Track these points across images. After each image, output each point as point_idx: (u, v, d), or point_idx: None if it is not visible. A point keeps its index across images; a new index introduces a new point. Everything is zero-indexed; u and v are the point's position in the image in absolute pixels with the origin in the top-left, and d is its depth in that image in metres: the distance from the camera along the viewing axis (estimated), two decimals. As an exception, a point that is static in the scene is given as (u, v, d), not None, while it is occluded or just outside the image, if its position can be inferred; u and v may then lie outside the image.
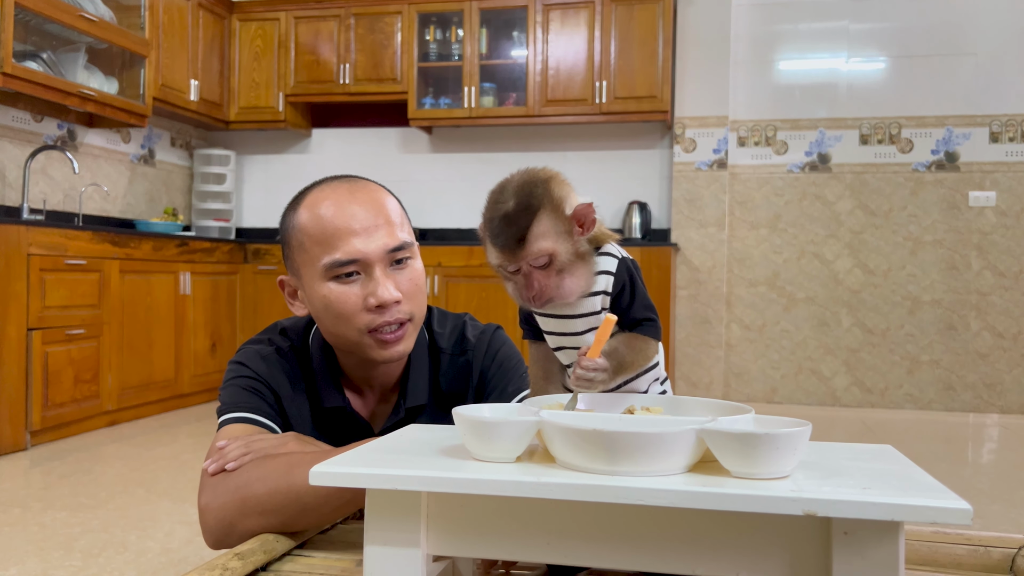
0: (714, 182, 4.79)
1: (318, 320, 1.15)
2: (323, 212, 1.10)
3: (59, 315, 3.46)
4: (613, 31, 4.66)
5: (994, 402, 4.57)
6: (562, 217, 0.91)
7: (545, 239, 0.90)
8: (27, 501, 2.58)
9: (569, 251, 0.91)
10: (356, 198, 1.12)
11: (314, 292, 1.12)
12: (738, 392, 4.84)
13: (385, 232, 1.11)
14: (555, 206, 0.91)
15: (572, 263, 0.92)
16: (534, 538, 0.67)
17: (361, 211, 1.11)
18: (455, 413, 0.71)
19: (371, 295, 1.10)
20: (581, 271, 0.92)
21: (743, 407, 0.74)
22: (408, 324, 1.14)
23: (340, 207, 1.10)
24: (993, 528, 2.37)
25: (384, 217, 1.12)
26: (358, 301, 1.10)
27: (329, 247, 1.09)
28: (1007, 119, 4.54)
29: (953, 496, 0.59)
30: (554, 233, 0.90)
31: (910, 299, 4.67)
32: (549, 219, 0.91)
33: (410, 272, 1.15)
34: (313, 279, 1.11)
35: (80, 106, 3.94)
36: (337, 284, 1.10)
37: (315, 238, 1.10)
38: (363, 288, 1.10)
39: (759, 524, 0.63)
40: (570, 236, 0.91)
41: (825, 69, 4.75)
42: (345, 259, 1.09)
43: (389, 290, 1.10)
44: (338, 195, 1.12)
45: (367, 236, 1.10)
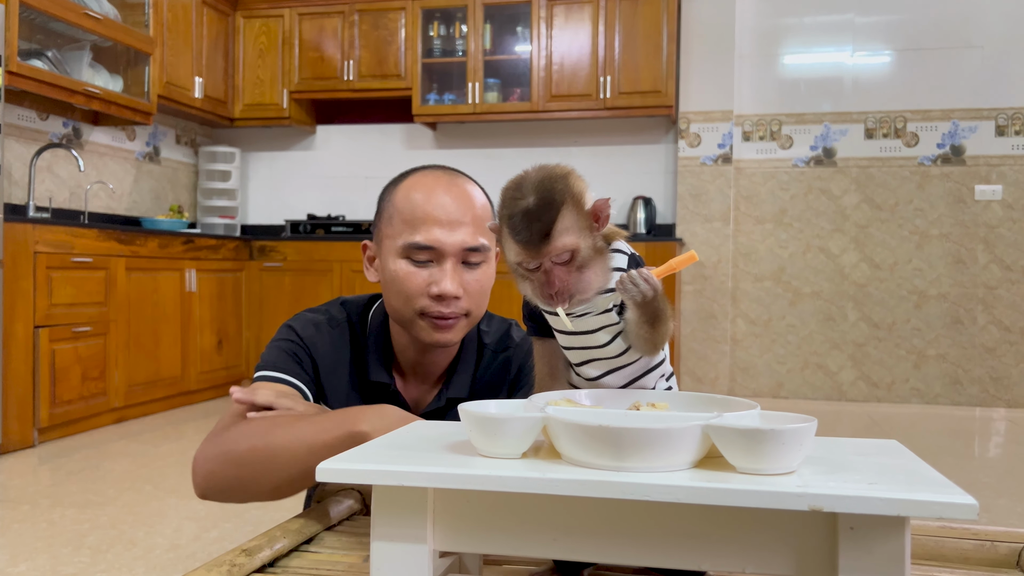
0: (719, 177, 4.78)
1: (384, 289, 1.21)
2: (418, 196, 1.15)
3: (66, 313, 3.47)
4: (617, 26, 4.65)
5: (1001, 396, 4.56)
6: (583, 212, 0.92)
7: (569, 234, 0.90)
8: (36, 498, 2.59)
9: (589, 246, 0.91)
10: (451, 191, 1.16)
11: (388, 264, 1.18)
12: (744, 387, 4.84)
13: (467, 231, 1.15)
14: (576, 201, 0.92)
15: (591, 258, 0.92)
16: (540, 534, 0.67)
17: (451, 204, 1.15)
18: (460, 409, 0.72)
19: (435, 283, 1.14)
20: (599, 267, 0.93)
21: (749, 403, 0.74)
22: (462, 318, 1.18)
23: (434, 195, 1.15)
24: (999, 522, 2.36)
25: (471, 216, 1.16)
26: (422, 284, 1.15)
27: (413, 229, 1.14)
28: (1013, 112, 4.52)
29: (959, 491, 0.59)
30: (577, 228, 0.90)
31: (916, 293, 4.65)
32: (572, 214, 0.90)
33: (479, 274, 1.17)
34: (391, 252, 1.17)
35: (85, 104, 3.95)
36: (409, 264, 1.15)
37: (404, 216, 1.15)
38: (431, 275, 1.15)
39: (765, 519, 0.63)
40: (590, 231, 0.92)
41: (830, 63, 4.74)
42: (423, 244, 1.13)
43: (452, 284, 1.14)
44: (437, 183, 1.16)
45: (449, 229, 1.14)
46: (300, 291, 4.70)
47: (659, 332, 0.91)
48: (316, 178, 5.41)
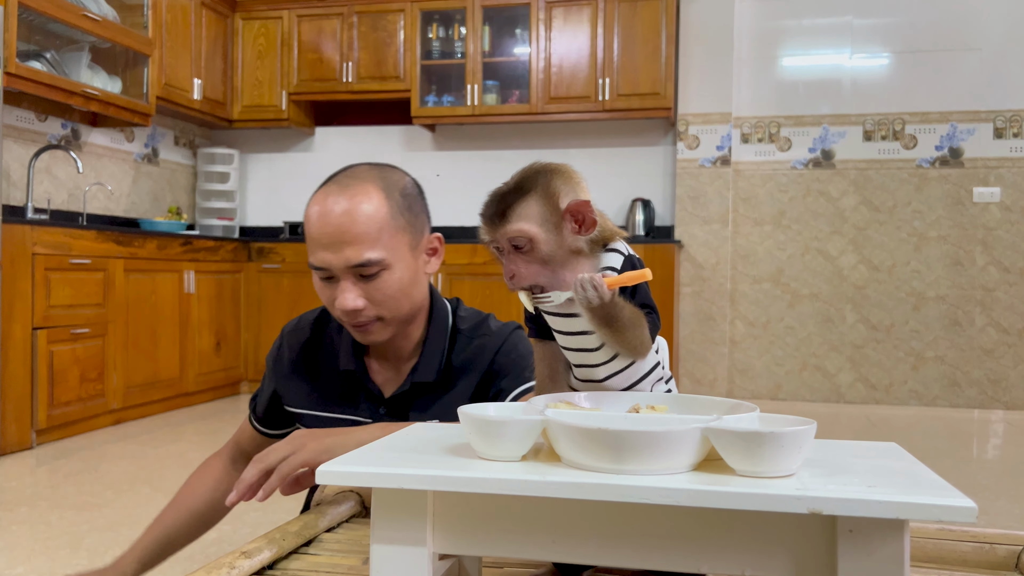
0: (718, 179, 4.79)
1: None
2: (311, 215, 1.18)
3: (64, 314, 3.47)
4: (616, 28, 4.66)
5: (999, 398, 4.56)
6: (553, 207, 0.92)
7: (526, 221, 0.91)
8: (33, 500, 2.59)
9: (554, 243, 0.92)
10: (335, 210, 1.16)
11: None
12: (742, 389, 4.84)
13: (351, 250, 1.16)
14: (548, 194, 0.93)
15: (564, 257, 0.92)
16: (540, 536, 0.67)
17: (334, 225, 1.16)
18: (460, 412, 0.72)
19: (335, 298, 1.19)
20: (580, 267, 0.93)
21: (748, 405, 0.74)
22: (376, 322, 1.21)
23: (321, 217, 1.17)
24: (998, 524, 2.37)
25: (354, 234, 1.16)
26: (330, 299, 1.21)
27: (310, 249, 1.19)
28: (1012, 115, 4.53)
29: (958, 494, 0.59)
30: (539, 219, 0.91)
31: (915, 295, 4.66)
32: (538, 204, 0.92)
33: (380, 283, 1.19)
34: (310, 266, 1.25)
35: (84, 105, 3.95)
36: (318, 279, 1.21)
37: (307, 236, 1.21)
38: (332, 290, 1.20)
39: (764, 522, 0.63)
40: (558, 229, 0.92)
41: (829, 65, 4.74)
42: (316, 265, 1.19)
43: (349, 300, 1.17)
44: (325, 203, 1.17)
45: (333, 251, 1.16)
46: (298, 293, 4.70)
47: (622, 337, 0.91)
48: (315, 180, 5.39)
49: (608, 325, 0.90)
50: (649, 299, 0.95)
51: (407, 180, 1.23)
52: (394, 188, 1.20)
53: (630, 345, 0.93)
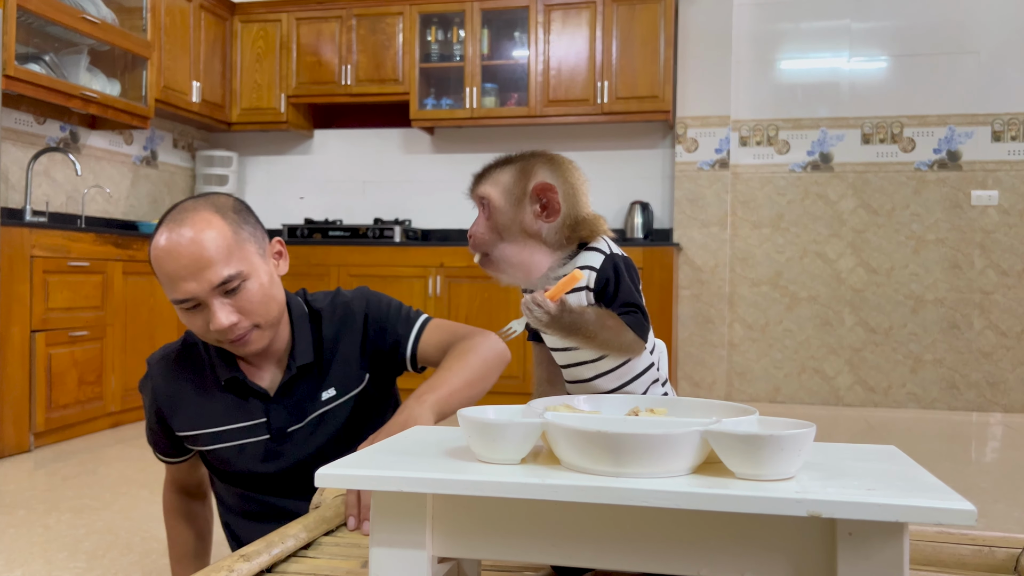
0: (716, 182, 4.79)
1: None
2: (159, 256, 1.25)
3: (62, 317, 3.47)
4: (615, 31, 4.66)
5: (997, 401, 4.57)
6: (523, 183, 0.95)
7: (492, 186, 0.96)
8: (31, 503, 2.59)
9: (510, 215, 0.94)
10: (180, 243, 1.23)
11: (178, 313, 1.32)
12: (741, 392, 4.84)
13: (210, 271, 1.23)
14: (524, 171, 0.96)
15: (516, 233, 0.94)
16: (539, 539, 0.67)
17: (186, 259, 1.23)
18: (459, 415, 0.72)
19: (210, 323, 1.25)
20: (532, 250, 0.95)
21: (747, 408, 0.74)
22: (254, 330, 1.29)
23: (170, 257, 1.24)
24: (997, 527, 2.37)
25: (206, 259, 1.23)
26: (202, 326, 1.27)
27: (169, 288, 1.25)
28: (1009, 118, 4.54)
29: (957, 497, 0.59)
30: (504, 188, 0.95)
31: (913, 298, 4.66)
32: (510, 176, 0.96)
33: (246, 294, 1.26)
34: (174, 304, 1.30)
35: (82, 108, 3.95)
36: (185, 312, 1.27)
37: (160, 278, 1.27)
38: (203, 317, 1.26)
39: (764, 525, 0.63)
40: (519, 204, 0.94)
41: (827, 68, 4.75)
42: (182, 298, 1.24)
43: (223, 317, 1.24)
44: (169, 241, 1.24)
45: (193, 278, 1.23)
46: (297, 295, 4.71)
47: (597, 341, 0.92)
48: (313, 183, 5.41)
49: (573, 334, 0.90)
50: (632, 297, 0.95)
51: (232, 200, 1.32)
52: (225, 208, 1.28)
53: (613, 347, 0.93)
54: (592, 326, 0.91)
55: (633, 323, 0.94)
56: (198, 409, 1.37)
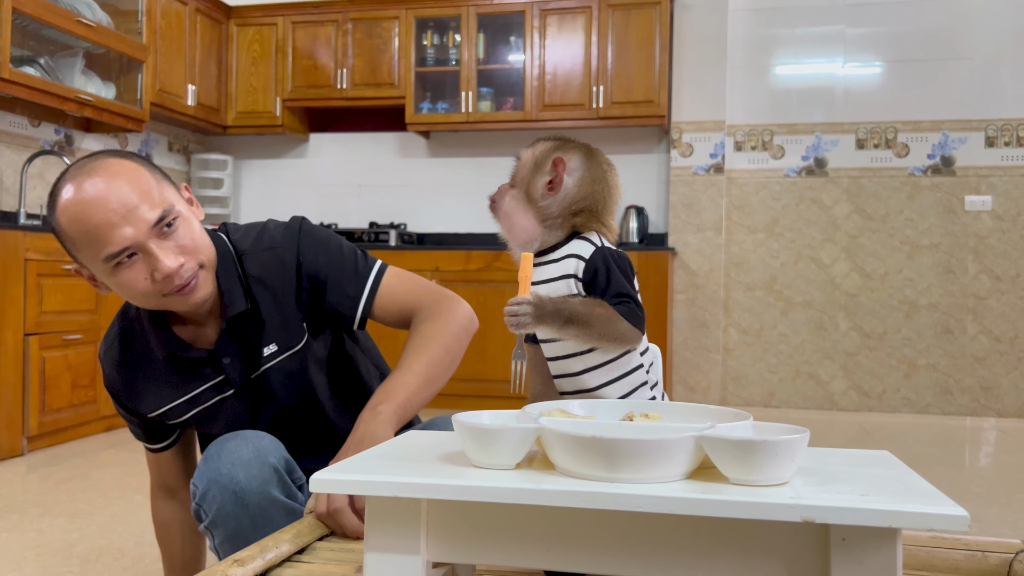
0: (711, 186, 4.80)
1: (122, 296, 1.22)
2: (78, 212, 1.12)
3: (56, 320, 3.46)
4: (610, 36, 4.67)
5: (991, 406, 4.58)
6: (549, 155, 1.02)
7: (530, 149, 1.04)
8: (24, 507, 2.58)
9: (526, 177, 1.02)
10: (102, 189, 1.12)
11: (106, 280, 1.18)
12: (736, 396, 4.84)
13: (143, 210, 1.12)
14: (557, 147, 1.03)
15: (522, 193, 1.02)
16: (534, 544, 0.67)
17: (112, 200, 1.11)
18: (454, 420, 0.72)
19: (155, 271, 1.14)
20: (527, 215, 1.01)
21: (742, 413, 0.74)
22: (200, 272, 1.19)
23: (91, 203, 1.11)
24: (990, 532, 2.37)
25: (136, 194, 1.13)
26: (146, 279, 1.15)
27: (98, 242, 1.12)
28: (1003, 123, 4.56)
29: (950, 503, 0.59)
30: (534, 154, 1.03)
31: (907, 303, 4.68)
32: (545, 147, 1.03)
33: (182, 230, 1.17)
34: (100, 271, 1.16)
35: (77, 111, 3.94)
36: (121, 270, 1.14)
37: (83, 237, 1.13)
38: (146, 265, 1.14)
39: (758, 530, 0.63)
40: (538, 171, 1.01)
41: (821, 74, 4.77)
42: (118, 250, 1.12)
43: (170, 259, 1.14)
44: (84, 190, 1.12)
45: (127, 221, 1.12)
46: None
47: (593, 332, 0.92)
48: (309, 186, 5.40)
49: (568, 323, 0.90)
50: (625, 288, 0.95)
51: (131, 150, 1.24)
52: (128, 154, 1.19)
53: (608, 336, 0.93)
54: (583, 314, 0.91)
55: (626, 313, 0.94)
56: (157, 388, 1.29)
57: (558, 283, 0.96)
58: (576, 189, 0.99)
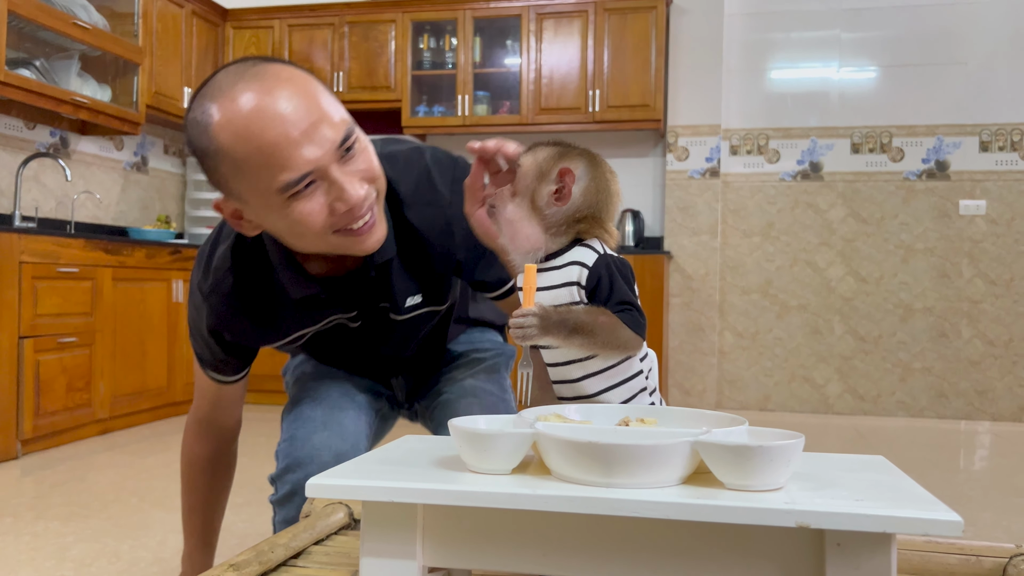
0: (707, 190, 4.81)
1: (278, 236, 1.05)
2: (247, 127, 0.92)
3: (51, 323, 3.45)
4: (606, 40, 4.68)
5: (986, 409, 4.59)
6: (553, 162, 0.99)
7: (531, 156, 1.00)
8: (19, 510, 2.57)
9: (530, 185, 0.98)
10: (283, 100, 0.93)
11: (270, 216, 1.00)
12: (731, 400, 4.85)
13: (327, 127, 0.96)
14: (561, 154, 1.00)
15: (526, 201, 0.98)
16: (529, 549, 0.68)
17: (291, 111, 0.93)
18: (450, 425, 0.72)
19: (337, 200, 0.98)
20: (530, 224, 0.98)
21: (737, 418, 0.74)
22: (374, 206, 1.05)
23: (265, 116, 0.92)
24: (985, 536, 2.38)
25: (317, 108, 0.96)
26: (323, 213, 0.99)
27: (274, 167, 0.94)
28: (997, 128, 4.57)
29: (944, 508, 0.60)
30: (537, 161, 0.99)
31: (902, 307, 4.69)
32: (547, 154, 1.00)
33: (362, 154, 1.01)
34: (265, 204, 0.98)
35: (73, 113, 3.94)
36: (296, 202, 0.97)
37: (252, 159, 0.93)
38: (326, 195, 0.98)
39: (753, 535, 0.63)
40: (543, 179, 0.98)
41: (817, 78, 4.78)
42: (299, 176, 0.95)
43: (356, 188, 0.98)
44: (254, 100, 0.93)
45: (309, 139, 0.94)
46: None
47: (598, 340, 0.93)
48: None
49: (573, 333, 0.91)
50: (628, 296, 0.96)
51: None
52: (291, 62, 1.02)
53: (611, 344, 0.93)
54: (587, 323, 0.92)
55: (629, 321, 0.95)
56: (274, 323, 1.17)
57: (560, 290, 0.96)
58: (582, 198, 0.99)
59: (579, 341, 0.92)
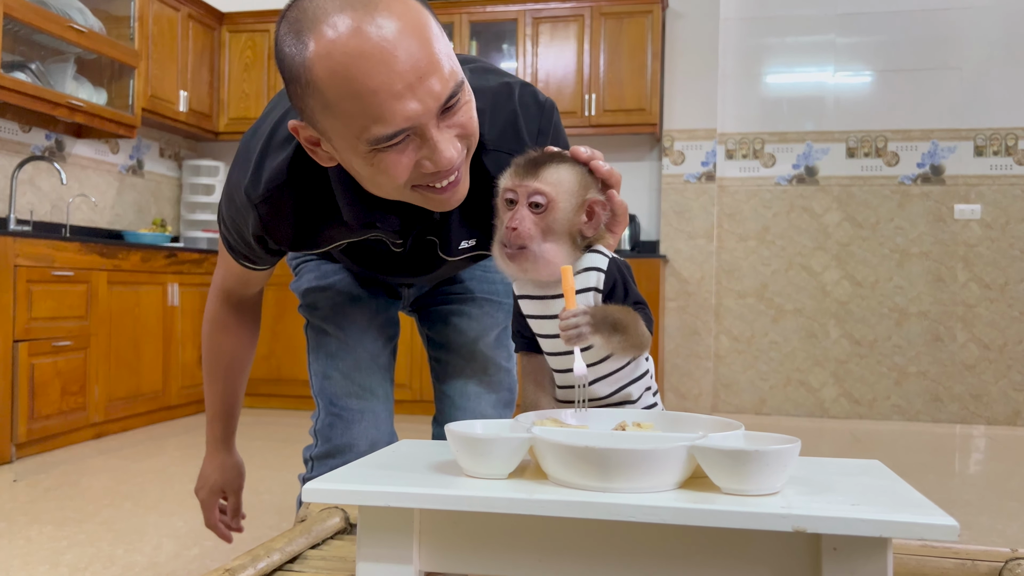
0: (703, 194, 4.82)
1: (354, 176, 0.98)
2: (350, 66, 0.81)
3: (46, 327, 3.44)
4: (602, 44, 4.69)
5: (980, 413, 4.60)
6: (583, 190, 0.95)
7: (557, 186, 0.92)
8: (12, 515, 2.56)
9: (566, 219, 0.94)
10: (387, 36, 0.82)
11: (350, 160, 0.92)
12: (727, 403, 4.85)
13: (436, 79, 0.85)
14: (583, 179, 0.95)
15: (562, 236, 0.94)
16: (526, 554, 0.67)
17: (400, 56, 0.82)
18: (447, 429, 0.72)
19: (427, 159, 0.90)
20: (564, 252, 0.95)
21: (733, 423, 0.74)
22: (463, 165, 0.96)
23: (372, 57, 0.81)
24: (980, 540, 2.38)
25: (429, 58, 0.84)
26: (409, 166, 0.90)
27: (368, 118, 0.84)
28: (991, 133, 4.59)
29: (940, 513, 0.60)
30: (568, 190, 0.93)
31: (897, 311, 4.70)
32: (574, 179, 0.94)
33: (465, 106, 0.91)
34: (349, 148, 0.90)
35: (69, 117, 3.93)
36: (383, 153, 0.88)
37: (346, 106, 0.84)
38: (417, 151, 0.89)
39: (749, 540, 0.64)
40: (576, 210, 0.94)
41: (812, 83, 4.79)
42: (393, 131, 0.85)
43: (449, 151, 0.89)
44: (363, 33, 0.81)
45: (413, 95, 0.83)
46: (283, 305, 4.68)
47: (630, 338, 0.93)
48: None
49: (615, 331, 0.91)
50: (640, 296, 0.97)
51: None
52: None
53: (636, 344, 0.94)
54: (622, 320, 0.92)
55: (645, 319, 0.96)
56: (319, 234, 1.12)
57: (584, 295, 0.97)
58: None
59: (618, 339, 0.92)
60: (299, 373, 4.55)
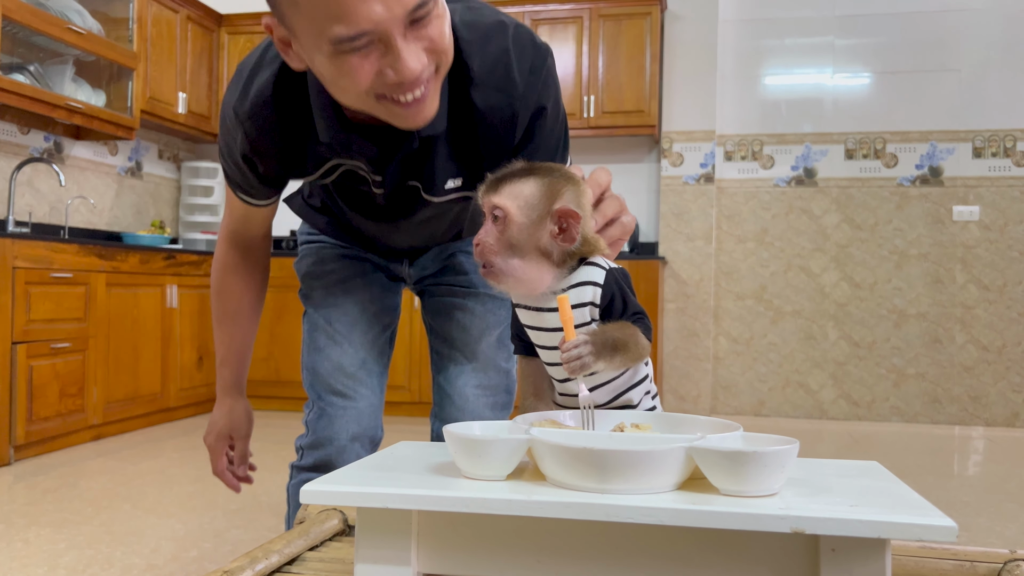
0: (701, 196, 4.82)
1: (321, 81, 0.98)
2: None
3: (44, 329, 3.44)
4: (601, 46, 4.69)
5: (979, 415, 4.60)
6: (546, 202, 0.92)
7: (513, 199, 0.90)
8: (11, 517, 2.55)
9: (527, 233, 0.91)
10: None
11: (314, 59, 0.93)
12: (726, 405, 4.85)
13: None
14: (548, 189, 0.92)
15: (529, 250, 0.92)
16: (525, 555, 0.67)
17: None
18: (445, 431, 0.72)
19: (390, 68, 0.90)
20: (536, 267, 0.93)
21: (732, 424, 0.74)
22: (433, 79, 0.95)
23: None
24: (979, 541, 2.38)
25: None
26: (371, 76, 0.90)
27: (331, 17, 0.85)
28: (990, 134, 4.60)
29: (938, 514, 0.60)
30: (526, 204, 0.90)
31: (896, 312, 4.70)
32: (533, 190, 0.91)
33: (436, 20, 0.91)
34: (315, 46, 0.90)
35: (67, 119, 3.93)
36: (346, 55, 0.89)
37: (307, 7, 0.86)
38: (380, 60, 0.89)
39: (748, 541, 0.63)
40: (539, 223, 0.92)
41: (811, 84, 4.80)
42: (354, 34, 0.86)
43: (413, 62, 0.89)
44: None
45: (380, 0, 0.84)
46: (282, 307, 4.68)
47: (629, 354, 0.92)
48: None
49: (616, 353, 0.90)
50: (639, 307, 0.96)
51: None
52: None
53: (636, 357, 0.93)
54: (621, 339, 0.91)
55: (644, 329, 0.95)
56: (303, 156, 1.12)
57: (581, 310, 0.96)
58: (582, 228, 0.96)
59: (619, 359, 0.91)
60: (297, 375, 4.54)
